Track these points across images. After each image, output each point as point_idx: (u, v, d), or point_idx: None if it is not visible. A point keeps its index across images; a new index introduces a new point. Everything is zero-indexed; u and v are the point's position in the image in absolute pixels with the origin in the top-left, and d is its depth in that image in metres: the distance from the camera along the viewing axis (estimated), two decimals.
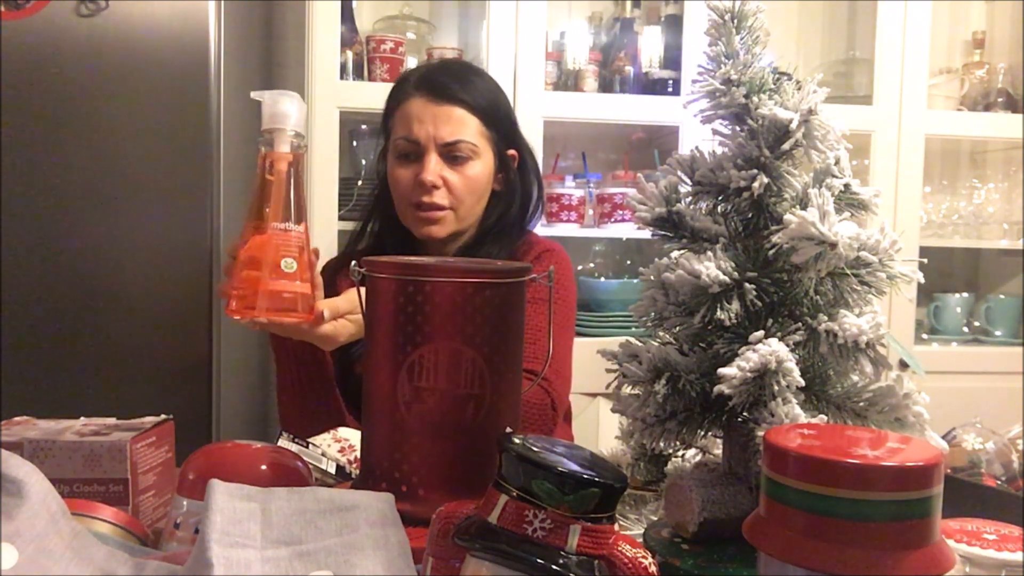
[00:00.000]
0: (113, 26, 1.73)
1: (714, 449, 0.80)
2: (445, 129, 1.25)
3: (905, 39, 2.32)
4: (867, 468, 0.49)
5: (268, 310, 0.92)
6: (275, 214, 0.92)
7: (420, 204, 1.26)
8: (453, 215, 1.28)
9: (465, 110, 1.27)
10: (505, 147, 1.33)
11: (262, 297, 0.91)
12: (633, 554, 0.54)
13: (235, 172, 1.92)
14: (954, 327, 2.53)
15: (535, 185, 1.39)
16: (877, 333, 0.66)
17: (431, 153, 1.25)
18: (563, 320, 1.30)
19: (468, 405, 0.75)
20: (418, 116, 1.26)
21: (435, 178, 1.25)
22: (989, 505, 0.82)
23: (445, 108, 1.26)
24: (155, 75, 1.75)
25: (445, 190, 1.26)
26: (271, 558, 0.56)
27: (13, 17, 1.71)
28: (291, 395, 1.22)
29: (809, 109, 0.69)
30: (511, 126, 1.34)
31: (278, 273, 0.92)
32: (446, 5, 2.49)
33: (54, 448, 0.76)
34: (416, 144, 1.26)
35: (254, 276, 0.92)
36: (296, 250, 0.93)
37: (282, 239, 0.92)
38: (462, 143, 1.26)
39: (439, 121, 1.25)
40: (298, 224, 0.94)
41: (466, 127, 1.27)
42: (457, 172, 1.27)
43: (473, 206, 1.30)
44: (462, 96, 1.27)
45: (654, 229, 0.77)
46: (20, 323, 1.69)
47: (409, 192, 1.27)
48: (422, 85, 1.28)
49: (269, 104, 0.94)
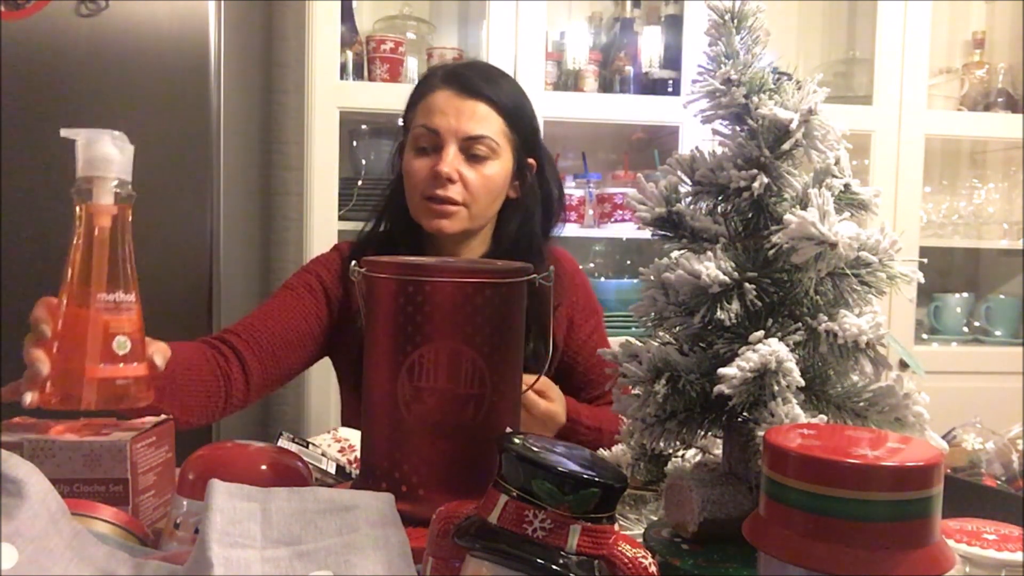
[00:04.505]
0: (113, 26, 1.73)
1: (714, 449, 0.80)
2: (468, 124, 1.23)
3: (905, 39, 2.32)
4: (867, 468, 0.49)
5: (97, 401, 0.75)
6: (100, 282, 0.77)
7: (433, 196, 1.24)
8: (466, 212, 1.25)
9: (491, 107, 1.24)
10: (525, 154, 1.30)
11: (90, 387, 0.75)
12: (633, 554, 0.54)
13: (235, 172, 1.92)
14: (954, 327, 2.53)
15: (556, 195, 1.36)
16: (877, 333, 0.66)
17: (450, 146, 1.23)
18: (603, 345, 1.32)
19: (468, 405, 0.75)
20: (442, 108, 1.23)
21: (452, 171, 1.22)
22: (989, 505, 0.82)
23: (470, 103, 1.23)
24: (155, 75, 1.75)
25: (461, 185, 1.23)
26: (271, 558, 0.56)
27: (13, 17, 1.71)
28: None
29: (809, 109, 0.69)
30: (533, 133, 1.32)
31: (109, 356, 0.76)
32: (446, 5, 2.49)
33: (54, 448, 0.76)
34: (436, 135, 1.23)
35: (75, 359, 0.75)
36: (129, 325, 0.78)
37: (112, 314, 0.77)
38: (484, 139, 1.23)
39: (463, 115, 1.23)
40: (128, 293, 0.79)
41: (489, 124, 1.24)
42: (475, 169, 1.24)
43: (487, 207, 1.27)
44: (488, 93, 1.24)
45: (654, 229, 0.77)
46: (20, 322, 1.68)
47: (423, 184, 1.24)
48: (449, 79, 1.25)
49: (84, 146, 0.78)
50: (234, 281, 1.95)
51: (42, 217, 1.73)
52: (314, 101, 2.09)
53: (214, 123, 1.78)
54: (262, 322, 1.22)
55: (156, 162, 1.75)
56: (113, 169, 0.79)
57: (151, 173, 1.92)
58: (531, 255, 1.26)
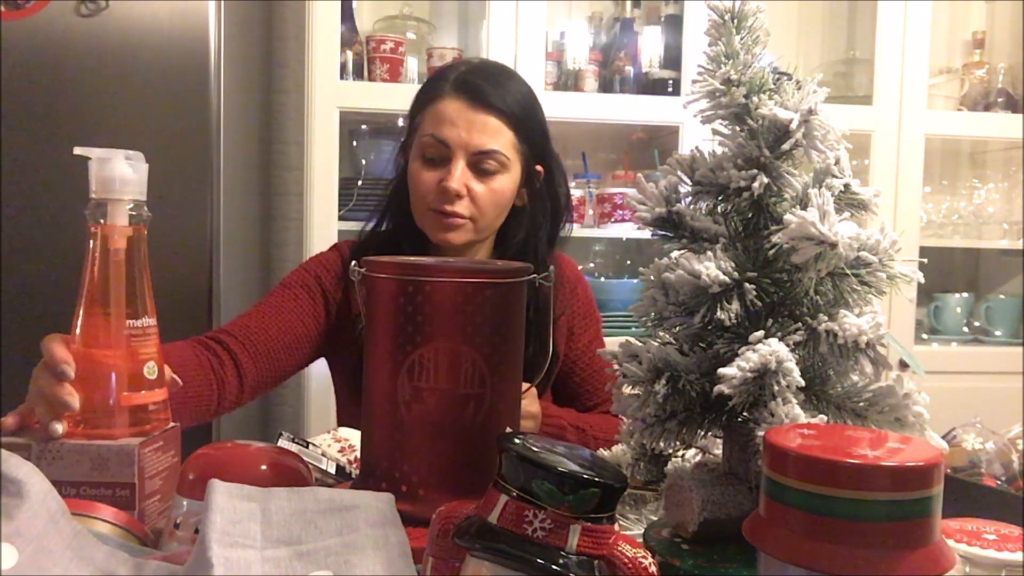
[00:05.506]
0: (113, 26, 1.73)
1: (714, 449, 0.80)
2: (479, 138, 1.20)
3: (905, 39, 2.32)
4: (867, 468, 0.49)
5: (128, 428, 0.76)
6: (123, 308, 0.77)
7: (441, 211, 1.22)
8: (472, 225, 1.24)
9: (501, 121, 1.21)
10: (534, 161, 1.28)
11: (122, 415, 0.76)
12: (633, 554, 0.54)
13: (235, 172, 1.92)
14: (954, 327, 2.53)
15: (563, 200, 1.34)
16: (877, 333, 0.66)
17: (459, 160, 1.20)
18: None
19: (468, 405, 0.75)
20: (451, 119, 1.20)
21: (460, 187, 1.20)
22: (989, 505, 0.82)
23: (481, 116, 1.21)
24: (155, 75, 1.75)
25: (468, 200, 1.21)
26: (271, 558, 0.56)
27: (13, 17, 1.71)
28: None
29: (809, 109, 0.69)
30: (543, 139, 1.30)
31: (140, 382, 0.77)
32: (446, 5, 2.49)
33: (62, 451, 0.75)
34: (445, 146, 1.21)
35: (102, 388, 0.76)
36: (155, 349, 0.79)
37: (140, 341, 0.77)
38: (494, 154, 1.21)
39: (473, 128, 1.20)
40: (152, 317, 0.79)
41: (500, 138, 1.22)
42: (483, 183, 1.22)
43: (494, 219, 1.26)
44: (500, 106, 1.21)
45: (654, 229, 0.76)
46: (20, 323, 1.69)
47: (431, 196, 1.23)
48: (461, 87, 1.22)
49: (99, 166, 0.77)
50: (234, 281, 1.95)
51: (42, 217, 1.73)
52: (314, 101, 2.09)
53: (214, 123, 1.78)
54: (258, 322, 1.22)
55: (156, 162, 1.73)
56: (128, 190, 0.78)
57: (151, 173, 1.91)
58: (536, 265, 1.25)
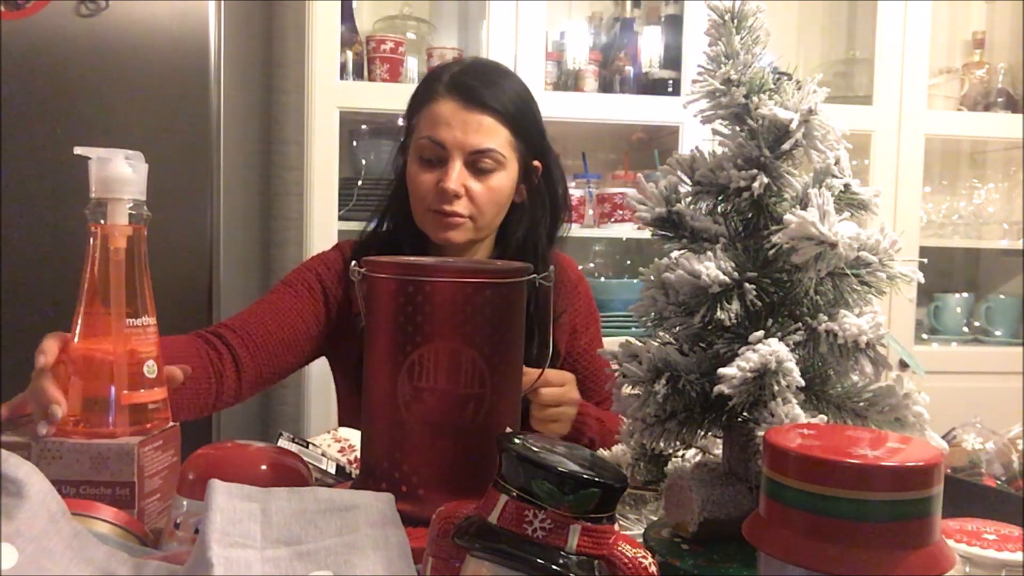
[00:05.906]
0: (113, 26, 1.73)
1: (714, 449, 0.80)
2: (474, 137, 1.21)
3: (905, 39, 2.32)
4: (867, 468, 0.49)
5: (128, 427, 0.77)
6: (123, 307, 0.77)
7: (440, 211, 1.23)
8: (472, 224, 1.25)
9: (496, 119, 1.23)
10: (531, 158, 1.30)
11: (122, 413, 0.76)
12: (633, 554, 0.54)
13: (235, 172, 1.92)
14: (954, 327, 2.53)
15: (561, 196, 1.35)
16: (877, 333, 0.66)
17: (456, 160, 1.21)
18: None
19: (468, 405, 0.75)
20: (447, 120, 1.22)
21: (458, 187, 1.21)
22: (989, 505, 0.82)
23: (476, 116, 1.22)
24: (155, 75, 1.75)
25: (467, 199, 1.23)
26: (271, 558, 0.56)
27: (13, 17, 1.71)
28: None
29: (809, 109, 0.69)
30: (539, 135, 1.31)
31: (140, 381, 0.77)
32: (446, 5, 2.49)
33: (62, 450, 0.75)
34: (441, 148, 1.22)
35: (102, 388, 0.76)
36: (154, 348, 0.79)
37: (139, 339, 0.78)
38: (490, 152, 1.22)
39: (469, 128, 1.21)
40: (151, 316, 0.79)
41: (495, 136, 1.23)
42: (481, 182, 1.23)
43: (493, 218, 1.27)
44: (494, 104, 1.23)
45: (654, 229, 0.77)
46: (21, 323, 1.69)
47: (429, 197, 1.24)
48: (454, 88, 1.23)
49: (99, 166, 0.78)
50: (234, 281, 1.95)
51: (42, 216, 1.72)
52: (314, 101, 2.09)
53: (214, 123, 1.78)
54: (259, 318, 1.22)
55: (156, 162, 1.73)
56: (128, 190, 0.78)
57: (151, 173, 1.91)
58: (536, 262, 1.26)
